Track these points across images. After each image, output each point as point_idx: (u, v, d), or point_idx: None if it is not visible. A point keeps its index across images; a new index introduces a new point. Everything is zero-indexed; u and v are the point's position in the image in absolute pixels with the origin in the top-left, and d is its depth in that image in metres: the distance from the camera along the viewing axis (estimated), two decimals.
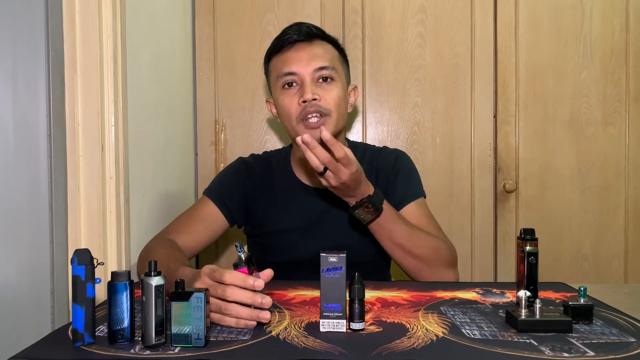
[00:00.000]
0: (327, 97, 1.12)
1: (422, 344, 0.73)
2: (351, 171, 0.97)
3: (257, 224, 1.26)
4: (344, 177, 0.97)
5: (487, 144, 1.76)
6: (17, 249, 0.97)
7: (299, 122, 1.12)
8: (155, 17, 1.40)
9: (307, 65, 1.12)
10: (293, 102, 1.13)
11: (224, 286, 0.78)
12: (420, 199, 1.23)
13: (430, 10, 1.75)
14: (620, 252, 1.76)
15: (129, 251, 1.17)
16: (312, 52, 1.14)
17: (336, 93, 1.14)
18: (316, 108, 1.10)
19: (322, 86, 1.13)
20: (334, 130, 1.13)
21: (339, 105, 1.14)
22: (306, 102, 1.10)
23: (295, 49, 1.14)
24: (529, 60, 1.75)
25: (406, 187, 1.22)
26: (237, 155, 1.46)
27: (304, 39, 1.14)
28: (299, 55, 1.13)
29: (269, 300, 0.78)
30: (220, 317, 0.80)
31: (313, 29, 1.16)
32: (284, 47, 1.15)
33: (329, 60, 1.15)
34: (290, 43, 1.15)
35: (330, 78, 1.14)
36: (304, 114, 1.11)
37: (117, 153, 1.12)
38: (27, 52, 0.99)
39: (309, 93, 1.10)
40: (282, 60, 1.15)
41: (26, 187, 0.99)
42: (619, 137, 1.75)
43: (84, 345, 0.72)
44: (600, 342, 0.73)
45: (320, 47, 1.16)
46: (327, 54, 1.16)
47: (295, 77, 1.13)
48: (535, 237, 0.89)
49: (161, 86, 1.45)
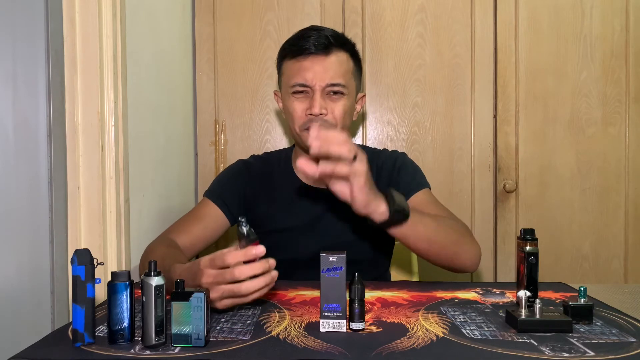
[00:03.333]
0: (334, 110, 1.14)
1: (422, 344, 0.73)
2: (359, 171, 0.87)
3: (258, 223, 1.26)
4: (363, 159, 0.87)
5: (487, 144, 1.76)
6: (17, 249, 0.97)
7: (302, 130, 1.15)
8: (155, 17, 1.40)
9: (321, 79, 1.13)
10: (300, 110, 1.15)
11: (231, 270, 0.79)
12: (425, 189, 1.23)
13: (430, 10, 1.75)
14: (620, 252, 1.76)
15: (129, 251, 1.17)
16: (327, 65, 1.13)
17: (343, 108, 1.15)
18: (321, 122, 1.12)
19: (331, 98, 1.15)
20: None
21: (344, 119, 1.16)
22: (312, 115, 1.12)
23: (311, 59, 1.14)
24: (529, 60, 1.75)
25: (411, 179, 1.23)
26: (237, 155, 1.47)
27: (321, 51, 1.13)
28: (313, 67, 1.13)
29: (273, 261, 0.80)
30: (242, 299, 0.80)
31: (332, 38, 1.15)
32: (299, 56, 1.15)
33: (342, 75, 1.15)
34: (307, 54, 1.14)
35: (340, 93, 1.15)
36: (308, 125, 1.13)
37: (117, 153, 1.12)
38: (27, 52, 0.99)
39: (317, 107, 1.12)
40: (296, 68, 1.15)
41: (26, 187, 0.99)
42: (619, 137, 1.75)
43: (84, 345, 0.72)
44: (600, 342, 0.73)
45: (336, 59, 1.15)
46: (342, 67, 1.15)
47: (306, 88, 1.14)
48: (535, 237, 0.89)
49: (161, 86, 1.45)
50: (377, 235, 1.23)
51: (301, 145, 1.20)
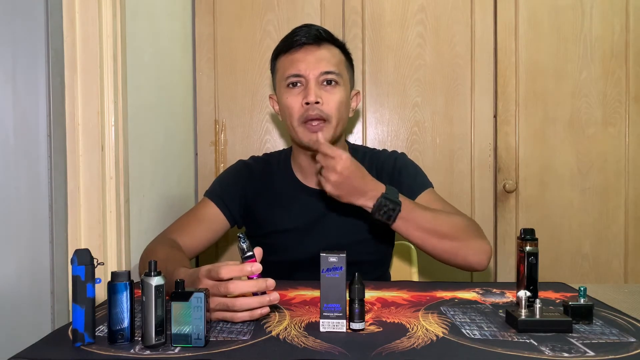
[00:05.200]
0: (329, 101, 1.14)
1: (422, 344, 0.73)
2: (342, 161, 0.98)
3: (258, 224, 1.26)
4: (337, 166, 0.98)
5: (487, 144, 1.76)
6: (17, 249, 0.97)
7: (300, 123, 1.14)
8: (155, 17, 1.40)
9: (314, 68, 1.13)
10: (296, 102, 1.14)
11: (225, 283, 0.79)
12: (429, 189, 1.23)
13: (430, 10, 1.75)
14: (620, 252, 1.76)
15: (129, 251, 1.17)
16: (319, 55, 1.15)
17: (338, 97, 1.15)
18: (317, 113, 1.12)
19: (325, 89, 1.15)
20: (332, 135, 1.15)
21: (340, 111, 1.16)
22: (309, 104, 1.12)
23: (303, 51, 1.15)
24: (529, 60, 1.75)
25: (413, 180, 1.23)
26: (237, 155, 1.47)
27: (312, 42, 1.15)
28: (306, 58, 1.14)
29: (272, 281, 0.79)
30: (232, 315, 0.80)
31: (322, 32, 1.17)
32: (292, 48, 1.16)
33: (335, 65, 1.16)
34: (299, 45, 1.15)
35: (334, 82, 1.15)
36: (305, 116, 1.13)
37: (117, 153, 1.12)
38: (27, 52, 0.99)
39: (312, 95, 1.12)
40: (289, 61, 1.16)
41: (26, 187, 0.99)
42: (619, 137, 1.75)
43: (84, 345, 0.72)
44: (600, 342, 0.73)
45: (327, 51, 1.16)
46: (334, 58, 1.17)
47: (300, 78, 1.14)
48: (535, 237, 0.89)
49: (161, 86, 1.45)
50: (377, 236, 1.23)
51: (298, 143, 1.20)
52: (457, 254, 1.09)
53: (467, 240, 1.09)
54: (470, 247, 1.08)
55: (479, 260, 1.09)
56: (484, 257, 1.09)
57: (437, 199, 1.22)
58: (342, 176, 0.99)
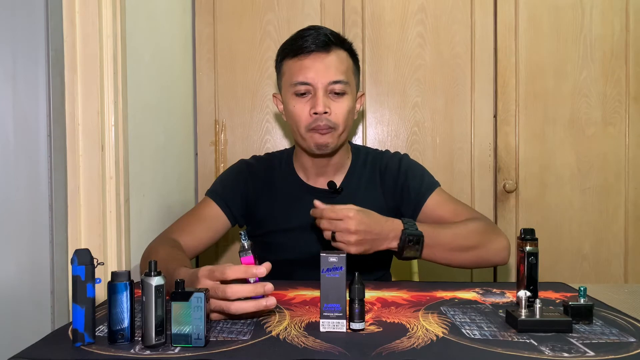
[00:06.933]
0: (337, 110, 1.14)
1: (422, 344, 0.73)
2: (353, 219, 0.97)
3: (259, 224, 1.26)
4: (351, 227, 0.97)
5: (487, 144, 1.76)
6: (17, 248, 0.97)
7: (307, 130, 1.15)
8: (155, 17, 1.40)
9: (323, 76, 1.13)
10: (304, 111, 1.14)
11: (224, 287, 0.78)
12: (437, 189, 1.23)
13: (430, 10, 1.75)
14: (620, 252, 1.76)
15: (129, 251, 1.17)
16: (328, 62, 1.14)
17: (346, 107, 1.15)
18: (325, 122, 1.13)
19: (333, 98, 1.15)
20: (337, 143, 1.17)
21: (347, 119, 1.16)
22: (317, 114, 1.12)
23: (312, 57, 1.14)
24: (529, 60, 1.75)
25: (420, 182, 1.23)
26: (237, 155, 1.47)
27: (321, 49, 1.14)
28: (314, 65, 1.13)
29: (270, 286, 0.79)
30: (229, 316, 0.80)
31: (331, 36, 1.15)
32: (300, 54, 1.15)
33: (344, 72, 1.15)
34: (307, 52, 1.14)
35: (343, 92, 1.15)
36: (313, 125, 1.13)
37: (117, 153, 1.12)
38: (27, 52, 0.99)
39: (321, 106, 1.12)
40: (297, 67, 1.15)
41: (26, 187, 0.99)
42: (619, 137, 1.75)
43: (84, 345, 0.72)
44: (600, 342, 0.73)
45: (336, 57, 1.15)
46: (342, 65, 1.15)
47: (309, 87, 1.14)
48: (535, 237, 0.89)
49: (161, 86, 1.45)
50: None
51: (304, 147, 1.19)
52: (481, 260, 1.14)
53: (487, 244, 1.12)
54: (491, 249, 1.13)
55: (502, 258, 1.14)
56: (505, 254, 1.14)
57: (446, 198, 1.23)
58: (360, 233, 0.98)
